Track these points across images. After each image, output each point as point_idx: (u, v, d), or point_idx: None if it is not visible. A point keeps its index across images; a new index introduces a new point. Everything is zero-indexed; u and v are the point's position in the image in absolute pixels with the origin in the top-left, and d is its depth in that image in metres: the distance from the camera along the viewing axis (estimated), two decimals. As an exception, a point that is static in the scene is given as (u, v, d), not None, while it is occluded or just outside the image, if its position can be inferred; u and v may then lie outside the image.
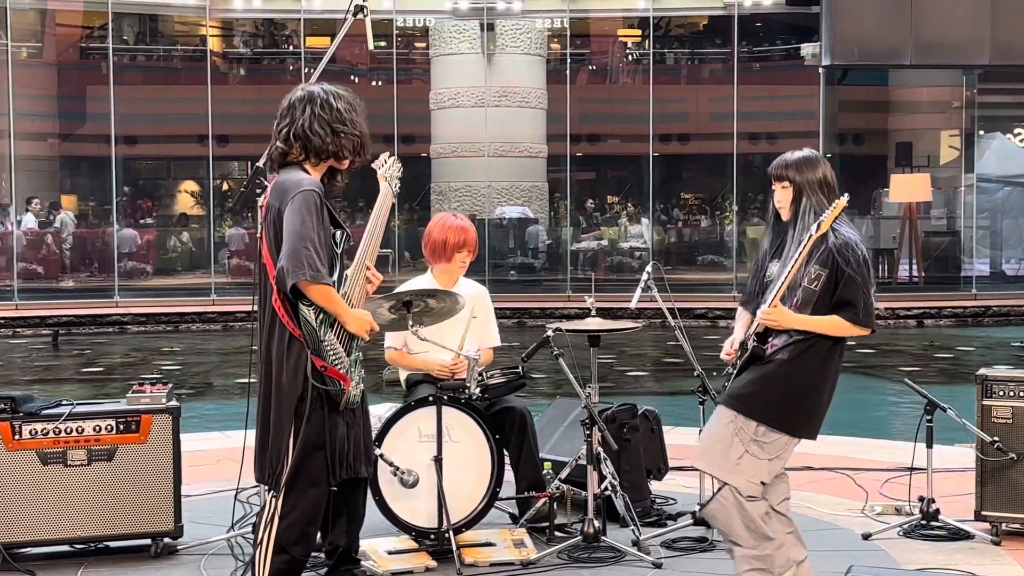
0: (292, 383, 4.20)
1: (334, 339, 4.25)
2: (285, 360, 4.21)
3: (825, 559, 5.22)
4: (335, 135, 4.39)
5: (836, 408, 4.89)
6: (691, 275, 22.34)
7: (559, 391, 7.65)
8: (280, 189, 4.29)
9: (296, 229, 4.14)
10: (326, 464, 4.29)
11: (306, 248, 4.11)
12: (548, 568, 5.20)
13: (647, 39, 25.17)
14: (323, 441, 4.26)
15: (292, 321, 4.20)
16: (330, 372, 4.21)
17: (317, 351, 4.19)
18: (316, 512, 4.32)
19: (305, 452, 4.22)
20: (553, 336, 5.54)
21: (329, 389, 4.22)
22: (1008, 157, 23.91)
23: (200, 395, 12.35)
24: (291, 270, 4.09)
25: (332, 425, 4.28)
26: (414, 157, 23.72)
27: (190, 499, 5.76)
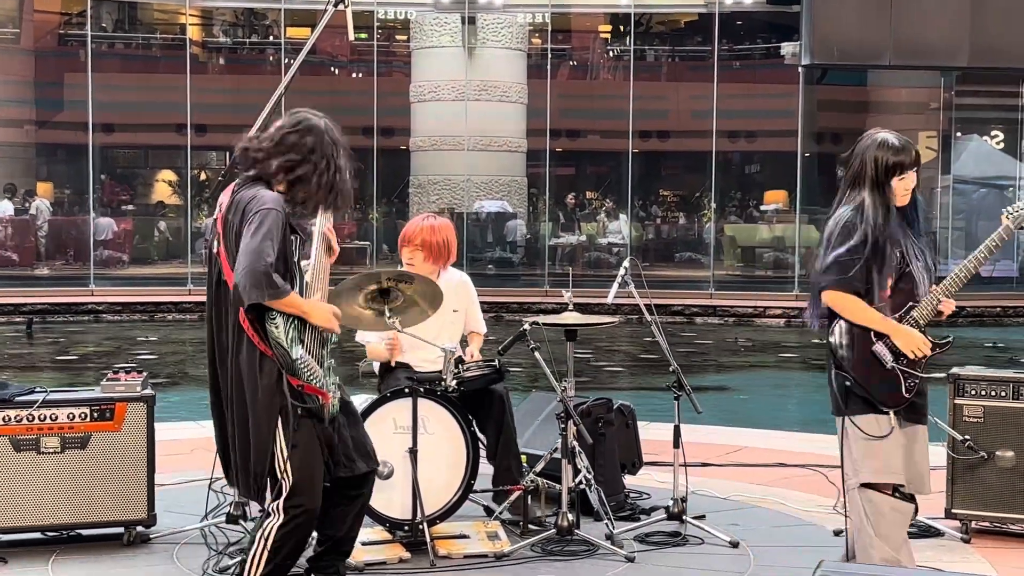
0: (269, 401, 4.16)
1: (306, 355, 4.19)
2: (258, 378, 4.17)
3: (796, 554, 5.27)
4: (330, 193, 4.34)
5: (809, 405, 4.94)
6: (669, 272, 22.39)
7: (535, 385, 7.66)
8: (240, 206, 4.21)
9: (254, 247, 4.06)
10: (326, 471, 4.30)
11: (259, 266, 4.04)
12: (522, 561, 5.22)
13: (628, 36, 25.18)
14: (318, 451, 4.26)
15: (263, 341, 4.15)
16: (307, 390, 4.18)
17: (292, 371, 4.16)
18: (312, 523, 4.32)
19: (304, 464, 4.21)
20: (530, 329, 5.55)
21: (309, 407, 4.20)
22: (985, 159, 24.07)
23: (175, 385, 12.32)
24: (248, 288, 4.04)
25: (321, 433, 4.27)
26: (393, 150, 23.72)
27: (164, 488, 5.75)
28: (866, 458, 4.27)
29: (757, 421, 9.46)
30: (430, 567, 5.09)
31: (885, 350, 4.26)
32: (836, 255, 4.28)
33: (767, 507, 6.29)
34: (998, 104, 24.38)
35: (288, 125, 4.33)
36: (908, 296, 4.32)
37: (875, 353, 4.27)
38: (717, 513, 5.98)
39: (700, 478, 6.57)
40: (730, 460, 7.41)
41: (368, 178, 22.64)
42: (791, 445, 8.00)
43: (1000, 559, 5.24)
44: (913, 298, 4.31)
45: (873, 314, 4.28)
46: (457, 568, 5.12)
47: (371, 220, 23.23)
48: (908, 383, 4.25)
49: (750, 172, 29.61)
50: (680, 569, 5.16)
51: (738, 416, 9.80)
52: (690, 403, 5.68)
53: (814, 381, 14.14)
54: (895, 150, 4.33)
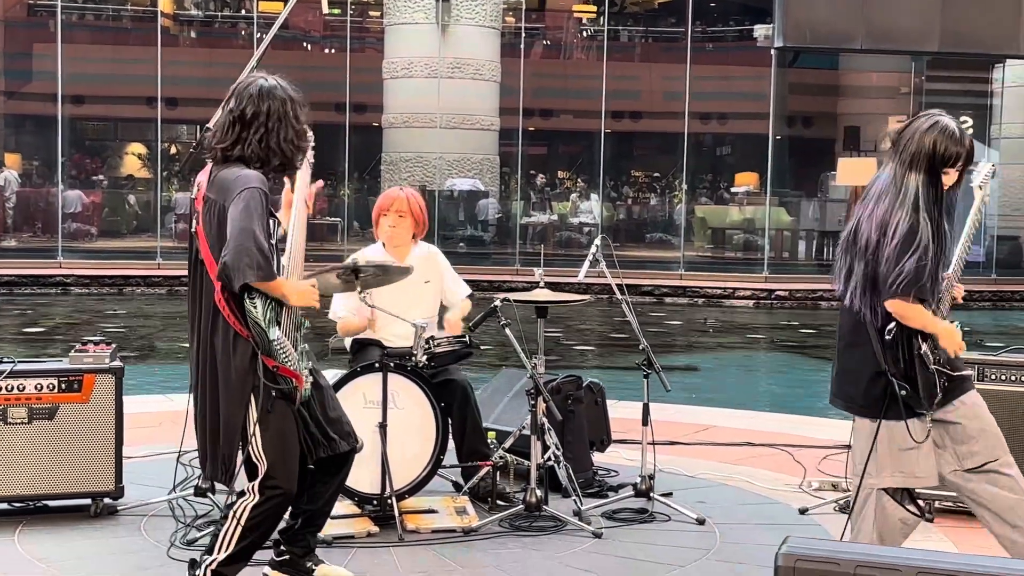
0: (242, 381, 4.13)
1: (283, 337, 4.17)
2: (232, 357, 4.14)
3: (762, 532, 5.30)
4: (296, 152, 4.32)
5: (776, 387, 4.94)
6: (639, 252, 22.46)
7: (505, 362, 7.67)
8: (223, 185, 4.17)
9: (243, 226, 4.03)
10: (303, 451, 4.29)
11: (252, 246, 4.02)
12: (489, 536, 5.23)
13: (602, 15, 25.16)
14: (293, 433, 4.24)
15: (238, 321, 4.12)
16: (282, 371, 4.16)
17: (268, 351, 4.13)
18: (287, 503, 4.31)
19: (278, 445, 4.18)
20: (501, 306, 5.56)
21: (282, 388, 4.17)
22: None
23: (144, 358, 12.27)
24: (238, 269, 4.00)
25: (297, 413, 4.25)
26: (365, 126, 23.64)
27: (131, 460, 5.73)
28: (894, 462, 4.14)
29: (725, 401, 9.52)
30: (398, 541, 5.10)
31: (929, 351, 4.12)
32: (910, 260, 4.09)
33: (734, 485, 6.33)
34: (968, 89, 24.54)
35: (239, 103, 4.26)
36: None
37: (922, 356, 4.12)
38: (684, 491, 6.02)
39: (668, 456, 6.60)
40: (698, 439, 7.45)
41: (340, 155, 22.58)
42: (758, 425, 8.06)
43: (961, 537, 5.30)
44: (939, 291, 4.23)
45: (930, 317, 4.16)
46: (425, 543, 5.13)
47: (342, 196, 23.16)
48: (943, 381, 4.12)
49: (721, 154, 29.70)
50: (647, 546, 5.19)
51: (706, 395, 9.86)
52: (659, 382, 5.70)
53: (782, 362, 14.24)
54: (955, 140, 4.23)
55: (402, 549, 5.04)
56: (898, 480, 4.14)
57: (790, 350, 15.00)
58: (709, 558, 5.06)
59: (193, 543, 4.94)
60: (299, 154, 4.35)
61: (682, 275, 20.16)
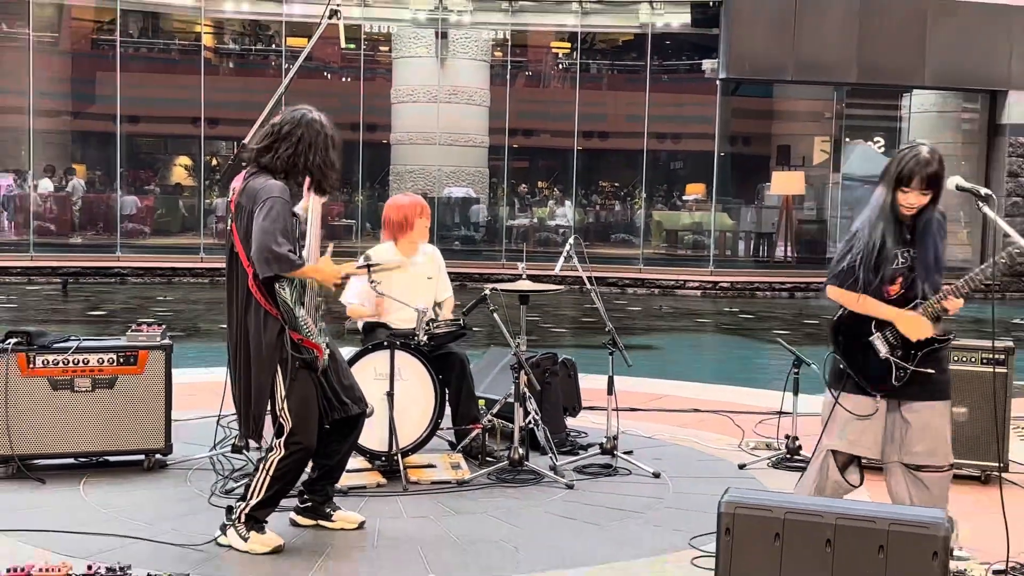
0: (272, 353, 4.16)
1: (305, 314, 4.23)
2: (263, 333, 4.17)
3: (707, 484, 5.31)
4: (322, 176, 4.29)
5: (722, 363, 4.92)
6: (605, 250, 22.40)
7: (493, 342, 7.66)
8: (252, 193, 4.18)
9: (266, 229, 4.07)
10: (320, 414, 4.29)
11: (272, 244, 4.05)
12: (480, 487, 5.24)
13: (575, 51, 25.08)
14: (314, 398, 4.25)
15: (268, 302, 4.16)
16: (305, 343, 4.21)
17: (294, 326, 4.17)
18: (308, 458, 4.31)
19: (301, 408, 4.20)
20: (489, 294, 5.55)
21: (305, 357, 4.20)
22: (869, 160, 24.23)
23: (189, 337, 12.22)
24: (261, 264, 4.07)
25: (317, 382, 4.27)
26: (376, 143, 23.55)
27: (179, 423, 5.71)
28: (840, 429, 4.06)
29: (677, 374, 9.51)
30: (403, 491, 5.10)
31: (881, 342, 3.98)
32: (839, 253, 4.05)
33: (684, 445, 6.34)
34: (881, 115, 24.56)
35: (282, 121, 4.29)
36: (912, 302, 4.00)
37: (871, 343, 4.00)
38: (642, 449, 6.03)
39: (629, 421, 6.60)
40: (654, 406, 7.45)
41: (355, 167, 22.51)
42: (704, 394, 8.07)
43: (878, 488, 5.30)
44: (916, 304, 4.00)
45: (870, 304, 3.99)
46: (425, 492, 5.13)
47: (356, 202, 23.11)
48: (899, 373, 3.96)
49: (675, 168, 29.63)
50: (611, 495, 5.20)
51: (661, 369, 9.86)
52: (622, 358, 5.70)
53: (724, 342, 14.25)
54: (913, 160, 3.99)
55: (406, 497, 5.04)
56: (841, 444, 4.07)
57: (732, 332, 15.01)
58: (664, 505, 5.07)
59: (231, 492, 4.93)
60: (324, 179, 4.31)
61: (641, 269, 20.14)
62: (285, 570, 4.04)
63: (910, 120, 22.45)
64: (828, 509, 3.13)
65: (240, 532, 4.22)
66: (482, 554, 4.29)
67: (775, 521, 3.09)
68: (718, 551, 3.17)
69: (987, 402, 5.34)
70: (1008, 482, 5.26)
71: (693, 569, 4.14)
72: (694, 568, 4.15)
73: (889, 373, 3.99)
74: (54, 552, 4.11)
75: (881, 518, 3.03)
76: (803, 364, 5.81)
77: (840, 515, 3.08)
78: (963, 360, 5.49)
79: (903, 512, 3.11)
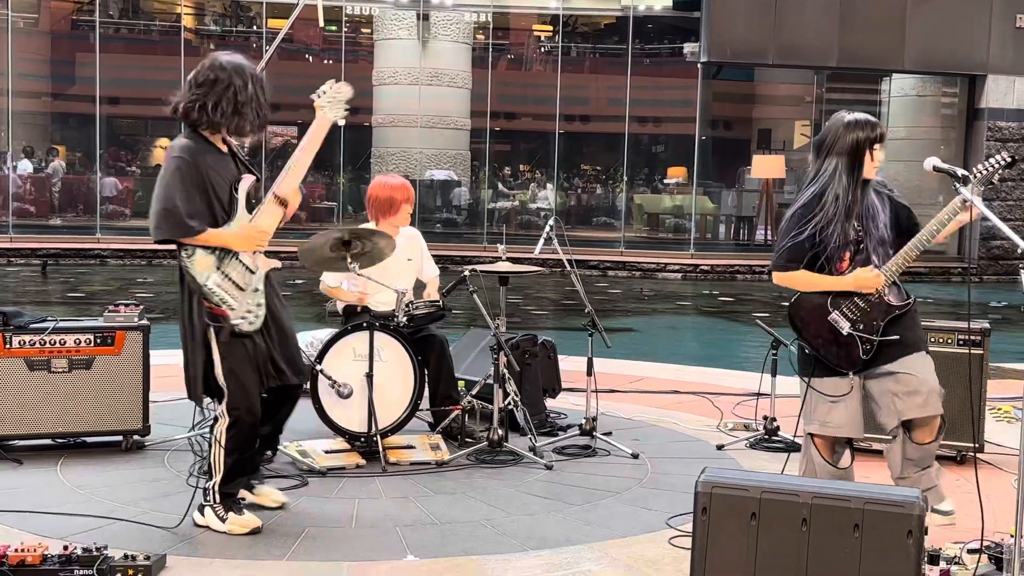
0: (192, 323, 4.15)
1: (219, 279, 4.11)
2: (183, 302, 4.19)
3: (685, 464, 5.32)
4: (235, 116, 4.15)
5: (701, 345, 4.92)
6: (586, 233, 22.40)
7: (473, 323, 7.64)
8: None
9: (157, 192, 4.09)
10: (258, 379, 4.22)
11: (162, 207, 4.05)
12: (458, 468, 5.23)
13: (557, 34, 25.02)
14: (248, 365, 4.17)
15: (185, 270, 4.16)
16: (214, 311, 4.11)
17: (203, 295, 4.11)
18: (254, 423, 4.25)
19: (235, 374, 4.14)
20: (469, 276, 5.53)
21: (221, 325, 4.12)
22: (848, 144, 24.26)
23: (169, 319, 12.13)
24: (152, 228, 4.12)
25: (252, 346, 4.18)
26: (358, 126, 23.43)
27: (157, 404, 5.67)
28: (816, 414, 4.06)
29: (656, 356, 9.53)
30: (382, 472, 5.08)
31: (841, 318, 3.98)
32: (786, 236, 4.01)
33: (662, 426, 6.35)
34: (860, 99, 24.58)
35: (197, 69, 4.21)
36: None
37: (832, 322, 3.99)
38: (622, 431, 6.03)
39: (608, 402, 6.61)
40: (633, 387, 7.46)
41: (336, 149, 22.40)
42: (684, 376, 8.08)
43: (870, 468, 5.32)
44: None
45: (824, 279, 4.01)
46: (405, 473, 5.12)
47: (338, 184, 23.03)
48: (864, 347, 3.97)
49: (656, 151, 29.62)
50: (590, 476, 5.20)
51: (640, 351, 9.87)
52: (602, 340, 5.69)
53: (704, 324, 14.29)
54: (864, 126, 4.02)
55: (385, 478, 5.02)
56: (816, 428, 4.07)
57: (711, 315, 15.04)
58: (642, 485, 5.07)
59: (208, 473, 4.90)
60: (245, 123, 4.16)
61: (622, 252, 20.15)
62: (262, 551, 4.02)
63: (890, 104, 22.50)
64: (804, 488, 3.14)
65: (218, 513, 4.20)
66: (461, 535, 4.28)
67: (751, 500, 3.10)
68: (695, 530, 3.17)
69: (963, 383, 5.36)
70: (983, 462, 5.30)
71: (671, 548, 4.15)
72: (672, 547, 4.15)
73: (856, 348, 3.99)
74: (30, 533, 4.08)
75: (856, 497, 3.04)
76: (781, 345, 5.81)
77: (816, 494, 3.08)
78: (939, 342, 5.51)
79: (878, 491, 3.12)
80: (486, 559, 4.01)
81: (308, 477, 4.94)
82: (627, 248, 20.50)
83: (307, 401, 5.51)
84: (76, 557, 3.57)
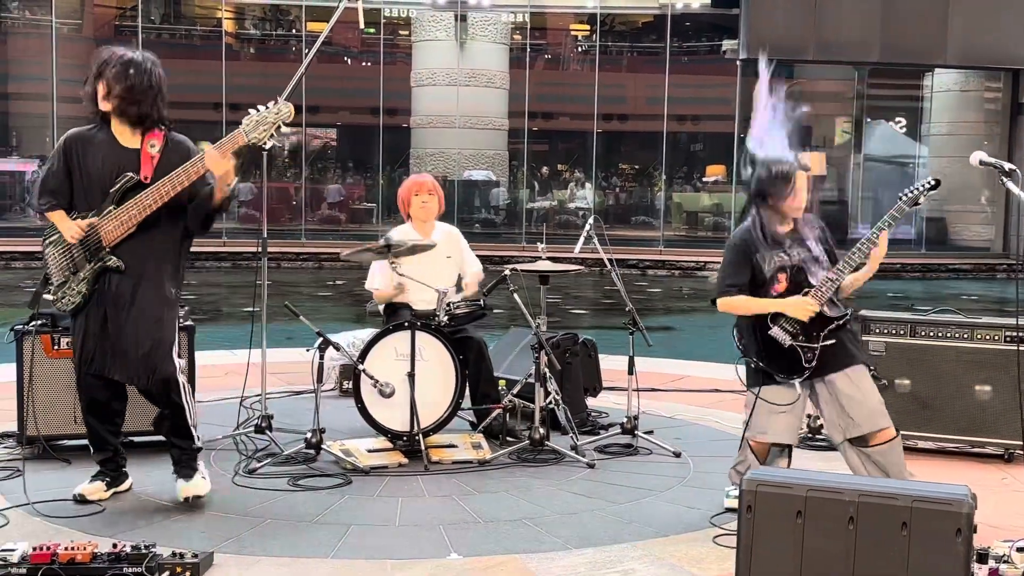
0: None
1: (54, 252, 4.38)
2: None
3: (727, 463, 5.25)
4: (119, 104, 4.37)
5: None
6: (625, 232, 22.37)
7: (513, 322, 7.66)
8: None
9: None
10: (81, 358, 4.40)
11: (35, 184, 4.33)
12: (500, 466, 5.23)
13: (595, 33, 24.99)
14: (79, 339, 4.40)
15: None
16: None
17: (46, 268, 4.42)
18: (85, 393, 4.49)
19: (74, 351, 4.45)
20: (509, 275, 5.54)
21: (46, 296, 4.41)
22: (890, 141, 24.09)
23: (212, 320, 12.27)
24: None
25: (77, 326, 4.40)
26: (396, 127, 23.55)
27: (202, 404, 5.71)
28: (756, 422, 4.30)
29: (697, 354, 9.48)
30: (424, 471, 5.10)
31: (781, 332, 4.21)
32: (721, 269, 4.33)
33: (704, 424, 6.32)
34: (902, 95, 24.37)
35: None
36: (799, 289, 4.24)
37: (773, 336, 4.23)
38: (663, 429, 6.00)
39: (649, 400, 6.59)
40: (674, 386, 7.44)
41: (375, 151, 22.52)
42: (725, 374, 7.98)
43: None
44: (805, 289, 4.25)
45: (759, 302, 4.26)
46: (447, 472, 5.13)
47: (377, 185, 23.15)
48: (807, 356, 4.19)
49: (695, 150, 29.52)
50: (632, 475, 5.18)
51: (681, 350, 9.83)
52: (643, 338, 5.68)
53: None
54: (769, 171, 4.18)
55: (428, 477, 5.04)
56: (756, 435, 4.32)
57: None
58: (685, 484, 5.05)
59: (253, 472, 4.95)
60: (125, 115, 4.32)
61: (661, 251, 20.09)
62: (307, 549, 4.05)
63: (932, 100, 22.27)
64: (850, 486, 3.10)
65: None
66: (504, 533, 4.29)
67: (797, 499, 3.07)
68: (740, 529, 3.15)
69: (1010, 380, 5.29)
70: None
71: (715, 547, 4.12)
72: (715, 546, 4.13)
73: (799, 359, 4.20)
74: (80, 531, 4.14)
75: (904, 495, 3.01)
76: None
77: (863, 492, 3.05)
78: (986, 338, 5.45)
79: (926, 489, 3.08)
80: (529, 557, 4.01)
81: (352, 476, 4.96)
82: (666, 247, 20.44)
83: (349, 400, 5.56)
84: (125, 555, 3.61)
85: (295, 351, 7.44)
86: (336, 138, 29.41)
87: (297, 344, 7.74)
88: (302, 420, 5.57)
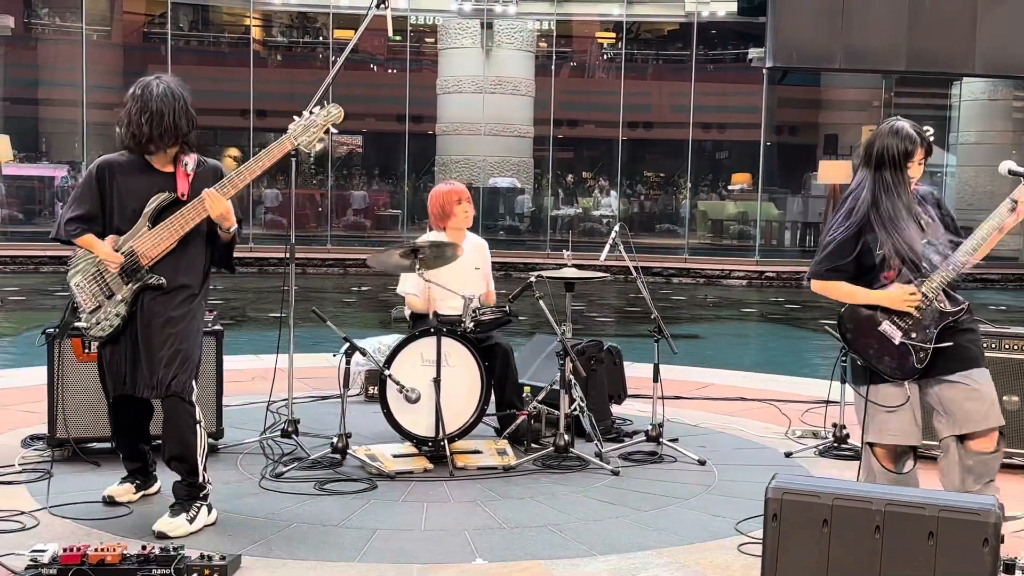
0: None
1: (82, 282, 4.32)
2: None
3: (753, 471, 5.27)
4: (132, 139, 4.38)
5: (767, 351, 4.85)
6: (650, 240, 22.34)
7: (538, 329, 7.66)
8: None
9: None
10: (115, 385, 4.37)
11: (64, 212, 4.33)
12: (525, 473, 5.24)
13: (620, 41, 25.00)
14: (106, 366, 4.37)
15: None
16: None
17: (72, 295, 4.36)
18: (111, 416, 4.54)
19: (100, 370, 4.44)
20: (535, 282, 5.55)
21: (78, 325, 4.36)
22: (918, 150, 23.86)
23: (239, 325, 12.35)
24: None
25: (111, 351, 4.34)
26: (422, 134, 23.63)
27: (229, 408, 5.77)
28: (872, 423, 3.96)
29: (722, 363, 9.46)
30: (449, 476, 5.11)
31: (893, 328, 3.86)
32: (823, 243, 3.95)
33: (729, 433, 6.30)
34: (930, 103, 24.23)
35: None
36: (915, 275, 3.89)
37: (883, 333, 3.88)
38: (688, 437, 6.00)
39: (674, 408, 6.59)
40: (699, 394, 7.42)
41: (400, 158, 22.60)
42: (750, 383, 8.01)
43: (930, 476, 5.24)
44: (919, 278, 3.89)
45: (858, 291, 3.92)
46: (472, 478, 5.14)
47: (402, 193, 23.22)
48: (919, 355, 3.85)
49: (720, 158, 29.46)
50: (656, 482, 5.18)
51: (706, 358, 9.81)
52: (668, 346, 5.67)
53: (770, 331, 14.15)
54: (901, 138, 3.95)
55: (453, 482, 5.06)
56: (875, 437, 3.97)
57: (777, 322, 14.90)
58: (709, 492, 5.04)
59: (280, 476, 4.98)
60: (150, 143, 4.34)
61: (686, 259, 20.04)
62: (333, 553, 4.07)
63: (960, 108, 22.13)
64: (877, 495, 3.09)
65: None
66: (529, 539, 4.30)
67: (823, 507, 3.07)
68: (765, 537, 3.15)
69: (1039, 391, 5.24)
70: (1060, 472, 5.17)
71: (740, 555, 4.12)
72: (741, 554, 4.13)
73: (909, 357, 3.88)
74: (109, 533, 4.18)
75: (931, 504, 3.00)
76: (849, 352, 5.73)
77: (889, 501, 3.04)
78: (1015, 348, 5.41)
79: (953, 498, 3.07)
80: (554, 563, 4.02)
81: (377, 480, 4.99)
82: (691, 255, 20.39)
83: (375, 405, 5.59)
84: (154, 557, 3.65)
85: (321, 356, 7.48)
86: (362, 145, 29.55)
87: (323, 349, 7.78)
88: (328, 425, 5.60)
